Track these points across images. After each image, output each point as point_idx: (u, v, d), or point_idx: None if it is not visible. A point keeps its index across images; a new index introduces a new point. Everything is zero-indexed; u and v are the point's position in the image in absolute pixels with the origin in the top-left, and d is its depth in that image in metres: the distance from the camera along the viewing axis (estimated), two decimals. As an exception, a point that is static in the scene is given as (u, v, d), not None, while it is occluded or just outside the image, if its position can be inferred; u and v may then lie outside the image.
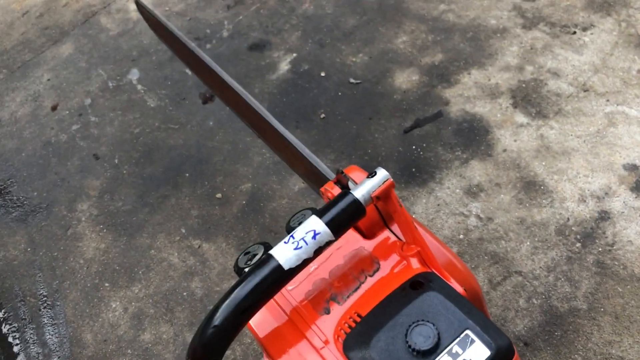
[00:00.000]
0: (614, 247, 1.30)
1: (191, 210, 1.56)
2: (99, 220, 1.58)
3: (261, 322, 0.94)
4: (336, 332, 0.89)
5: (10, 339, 1.39)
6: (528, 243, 1.34)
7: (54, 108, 1.71)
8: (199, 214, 1.55)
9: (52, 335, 1.39)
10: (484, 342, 0.75)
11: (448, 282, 0.88)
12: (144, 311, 1.39)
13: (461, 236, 1.37)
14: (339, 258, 0.97)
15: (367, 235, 1.00)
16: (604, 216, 1.35)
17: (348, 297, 0.92)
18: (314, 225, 0.82)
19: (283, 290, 0.94)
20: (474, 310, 0.78)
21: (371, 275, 0.93)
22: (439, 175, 1.49)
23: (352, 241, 1.00)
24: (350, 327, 0.86)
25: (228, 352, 1.30)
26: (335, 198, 0.84)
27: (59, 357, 1.36)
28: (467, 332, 0.76)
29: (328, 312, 0.92)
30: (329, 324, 0.92)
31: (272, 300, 0.95)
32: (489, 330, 0.76)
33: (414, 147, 1.54)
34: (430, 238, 0.99)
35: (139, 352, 1.33)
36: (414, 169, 1.51)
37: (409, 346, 0.76)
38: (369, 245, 0.99)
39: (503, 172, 1.46)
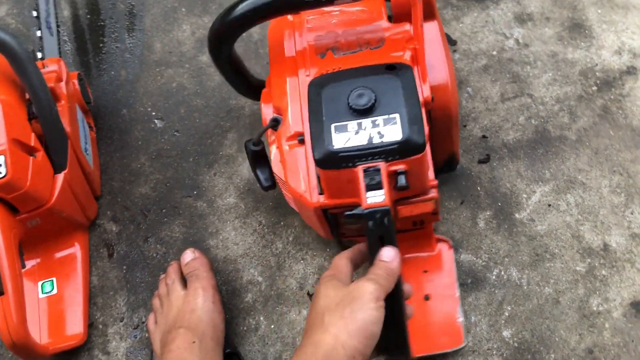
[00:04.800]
0: (625, 98, 1.40)
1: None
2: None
3: (276, 42, 1.17)
4: (319, 72, 1.08)
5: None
6: (550, 74, 1.45)
7: None
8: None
9: (130, 38, 1.65)
10: (403, 129, 0.91)
11: (419, 82, 1.02)
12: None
13: (494, 52, 1.49)
14: (358, 23, 1.13)
15: (394, 19, 1.14)
16: (631, 71, 1.43)
17: (343, 54, 1.10)
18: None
19: (304, 29, 1.12)
20: (416, 109, 0.93)
21: (371, 49, 1.09)
22: (498, -4, 1.57)
23: (377, 17, 1.15)
24: (327, 72, 1.05)
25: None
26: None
27: (130, 54, 1.63)
28: (396, 115, 0.92)
29: (323, 56, 1.11)
30: (318, 66, 1.11)
31: (294, 35, 1.15)
32: (414, 126, 0.92)
33: (485, -36, 1.60)
34: (441, 49, 1.13)
35: (195, 68, 1.58)
36: (477, -15, 1.59)
37: (348, 100, 0.95)
38: (387, 26, 1.13)
39: (557, 9, 1.53)
